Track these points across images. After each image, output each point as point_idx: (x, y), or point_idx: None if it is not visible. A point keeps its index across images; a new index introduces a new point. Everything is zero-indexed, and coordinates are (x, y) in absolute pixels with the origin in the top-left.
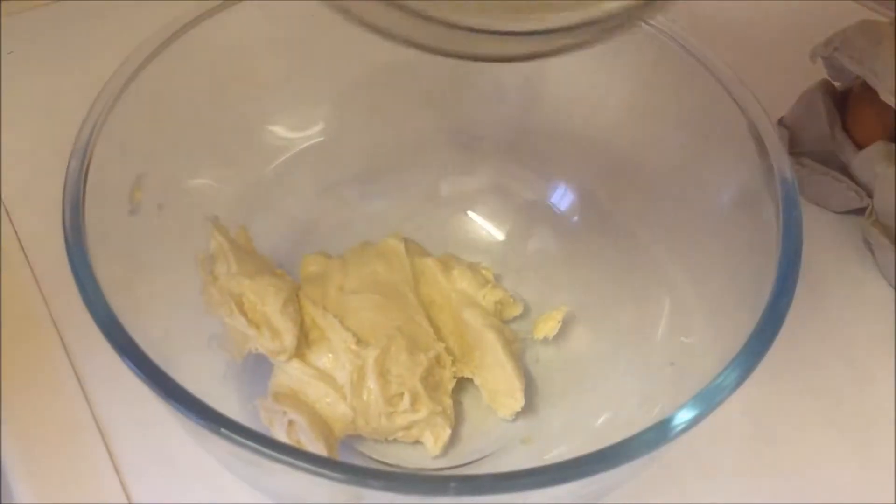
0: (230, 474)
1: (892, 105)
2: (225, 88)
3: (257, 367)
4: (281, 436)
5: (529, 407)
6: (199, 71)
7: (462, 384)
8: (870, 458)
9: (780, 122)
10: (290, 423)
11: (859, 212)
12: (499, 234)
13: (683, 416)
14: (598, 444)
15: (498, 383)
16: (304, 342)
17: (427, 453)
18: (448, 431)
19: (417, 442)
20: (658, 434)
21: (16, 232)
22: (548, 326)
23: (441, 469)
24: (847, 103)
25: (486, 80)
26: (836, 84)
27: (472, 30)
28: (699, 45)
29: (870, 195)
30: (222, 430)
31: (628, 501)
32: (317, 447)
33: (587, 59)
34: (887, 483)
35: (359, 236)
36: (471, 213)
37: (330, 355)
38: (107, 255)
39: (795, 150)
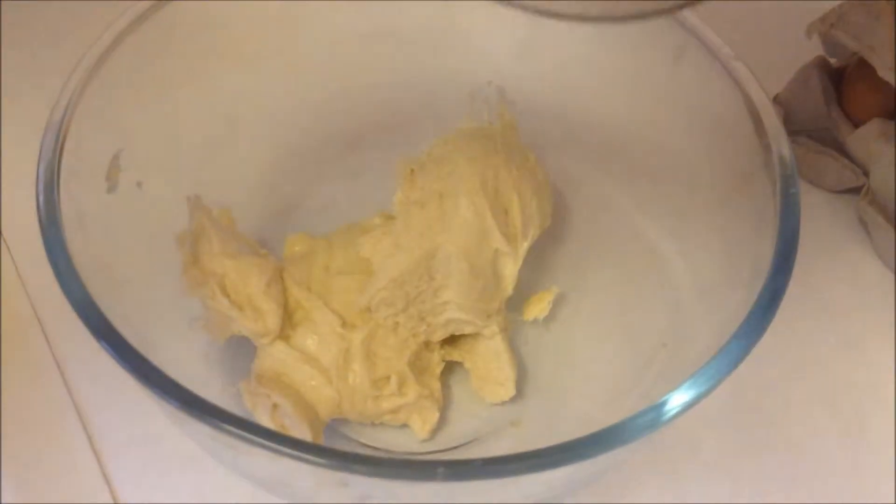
0: (218, 463)
1: (890, 81)
2: (206, 63)
3: (240, 350)
4: (265, 420)
5: (518, 389)
6: (179, 45)
7: (450, 365)
8: (866, 440)
9: (775, 100)
10: (274, 406)
11: (855, 191)
12: None
13: (678, 400)
14: (589, 427)
15: (489, 370)
16: (288, 324)
17: (415, 437)
18: (436, 415)
19: (405, 425)
20: (652, 418)
21: None
22: (538, 308)
23: (429, 453)
24: (843, 80)
25: (475, 56)
26: (833, 61)
27: None
28: (695, 20)
29: (866, 174)
30: (201, 414)
31: (618, 484)
32: (301, 431)
33: (579, 33)
34: (886, 467)
35: (343, 216)
36: None
37: (315, 337)
38: (83, 235)
39: (790, 127)
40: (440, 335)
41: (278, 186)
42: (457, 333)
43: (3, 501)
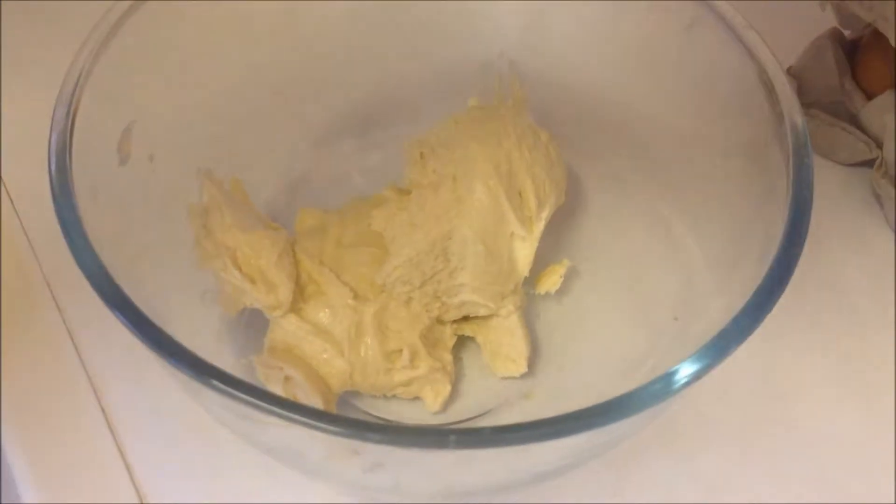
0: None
1: None
2: (217, 36)
3: (253, 323)
4: (277, 392)
5: (530, 362)
6: (190, 18)
7: (462, 339)
8: (874, 412)
9: (788, 72)
10: (287, 378)
11: (868, 164)
12: None
13: (687, 370)
14: (600, 400)
15: (502, 346)
16: (300, 297)
17: (427, 410)
18: (448, 388)
19: (417, 398)
20: (661, 387)
21: (6, 188)
22: (550, 281)
23: (441, 425)
24: (857, 52)
25: (486, 30)
26: (846, 32)
27: None
28: None
29: (879, 146)
30: (215, 382)
31: (630, 457)
32: (314, 403)
33: (590, 6)
34: (888, 436)
35: (354, 190)
36: None
37: (327, 310)
38: (96, 208)
39: (803, 100)
40: (453, 316)
41: (289, 161)
42: (471, 315)
43: (13, 471)
